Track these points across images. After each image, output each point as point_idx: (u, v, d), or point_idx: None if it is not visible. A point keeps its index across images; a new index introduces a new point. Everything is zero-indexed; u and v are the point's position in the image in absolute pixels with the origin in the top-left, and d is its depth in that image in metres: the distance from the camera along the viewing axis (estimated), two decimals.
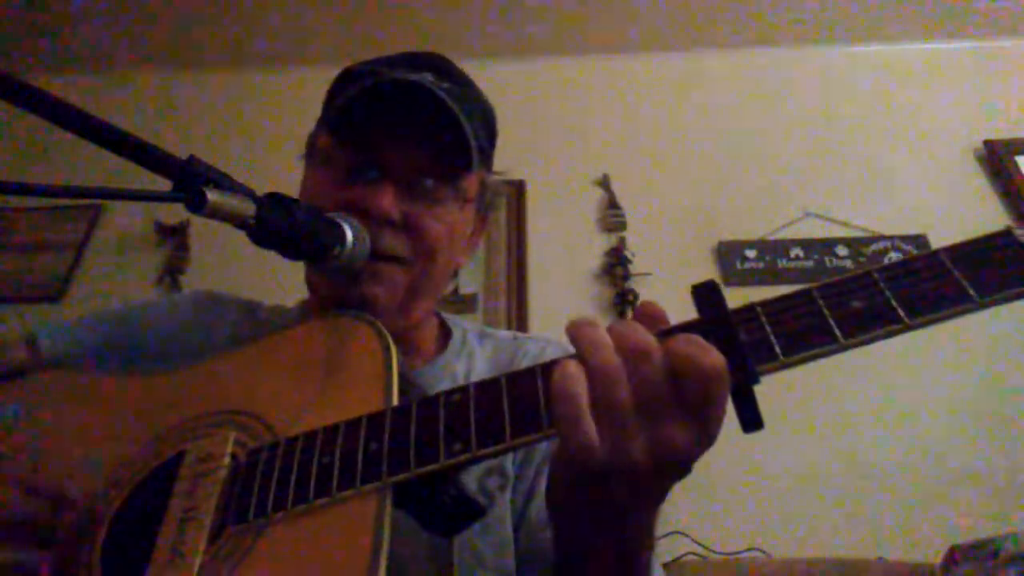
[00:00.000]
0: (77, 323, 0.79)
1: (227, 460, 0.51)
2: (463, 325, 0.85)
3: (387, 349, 0.54)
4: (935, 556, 1.20)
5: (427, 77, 0.69)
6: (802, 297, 0.42)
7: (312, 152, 0.76)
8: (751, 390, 0.41)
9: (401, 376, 0.52)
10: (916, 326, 0.39)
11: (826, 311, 0.40)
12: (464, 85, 0.76)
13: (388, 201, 0.66)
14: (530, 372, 0.45)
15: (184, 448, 0.54)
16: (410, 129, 0.67)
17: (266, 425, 0.53)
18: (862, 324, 0.39)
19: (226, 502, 0.48)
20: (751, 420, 0.41)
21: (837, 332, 0.40)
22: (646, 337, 0.40)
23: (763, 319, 0.42)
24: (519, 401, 0.44)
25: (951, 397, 1.81)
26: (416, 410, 0.47)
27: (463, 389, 0.46)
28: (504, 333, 0.86)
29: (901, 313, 0.39)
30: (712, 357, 0.39)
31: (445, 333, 0.83)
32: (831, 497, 1.69)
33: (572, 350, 0.42)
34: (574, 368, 0.40)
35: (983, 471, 1.69)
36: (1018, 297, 0.39)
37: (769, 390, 0.43)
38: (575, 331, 0.42)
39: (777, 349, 0.40)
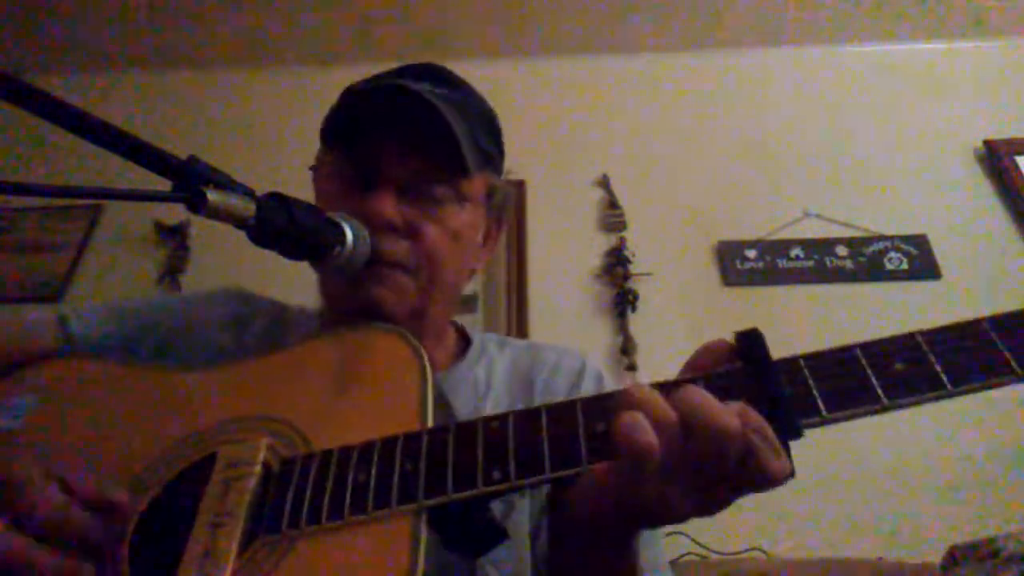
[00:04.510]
0: (108, 308, 0.77)
1: (259, 468, 0.50)
2: (481, 334, 0.86)
3: (421, 361, 0.54)
4: (935, 556, 1.20)
5: (424, 86, 0.69)
6: (845, 353, 0.42)
7: (317, 167, 0.78)
8: (787, 445, 0.41)
9: (435, 390, 0.52)
10: (956, 394, 0.39)
11: (869, 370, 0.40)
12: (462, 90, 0.76)
13: (388, 207, 0.66)
14: (570, 405, 0.45)
15: (214, 451, 0.54)
16: (405, 135, 0.68)
17: (299, 434, 0.53)
18: (906, 387, 0.40)
19: (258, 510, 0.48)
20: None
21: (881, 393, 0.40)
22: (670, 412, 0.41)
23: (806, 372, 0.42)
24: (559, 436, 0.44)
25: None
26: (454, 434, 0.47)
27: (502, 417, 0.47)
28: (520, 342, 0.87)
29: (944, 380, 0.39)
30: (725, 414, 0.40)
31: (464, 341, 0.84)
32: (831, 497, 1.69)
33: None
34: (641, 419, 0.40)
35: (983, 471, 1.69)
36: None
37: None
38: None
39: (820, 404, 0.41)
